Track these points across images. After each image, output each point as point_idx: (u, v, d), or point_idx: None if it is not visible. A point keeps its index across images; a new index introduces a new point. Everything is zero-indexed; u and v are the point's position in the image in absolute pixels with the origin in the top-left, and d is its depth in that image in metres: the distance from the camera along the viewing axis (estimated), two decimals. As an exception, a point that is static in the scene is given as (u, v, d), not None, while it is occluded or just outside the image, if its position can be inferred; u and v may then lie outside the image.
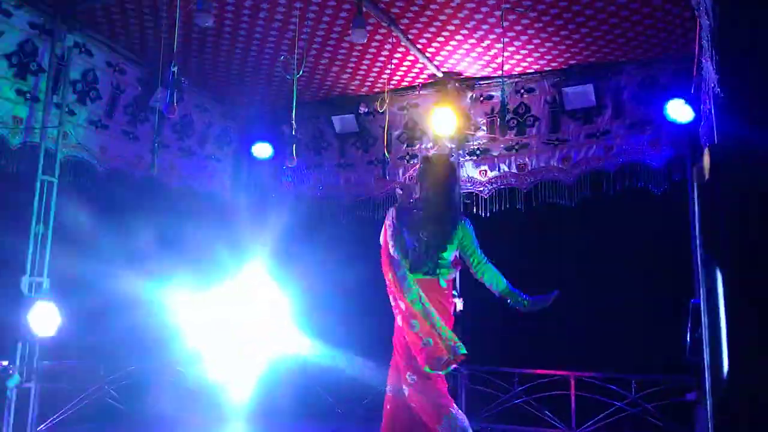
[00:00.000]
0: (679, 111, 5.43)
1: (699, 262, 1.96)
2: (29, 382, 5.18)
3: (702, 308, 1.90)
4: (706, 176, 1.81)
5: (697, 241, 1.94)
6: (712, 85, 3.64)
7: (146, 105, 6.25)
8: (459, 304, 6.50)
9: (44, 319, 5.08)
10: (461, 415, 3.92)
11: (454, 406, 3.96)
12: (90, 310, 5.64)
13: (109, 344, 5.93)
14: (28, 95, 5.39)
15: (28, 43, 5.34)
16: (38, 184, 5.35)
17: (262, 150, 7.07)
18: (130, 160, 6.42)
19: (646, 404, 5.86)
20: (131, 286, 5.84)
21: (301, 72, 4.69)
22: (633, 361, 5.94)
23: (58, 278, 5.40)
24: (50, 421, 5.45)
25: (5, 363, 5.06)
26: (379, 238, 4.20)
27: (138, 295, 5.95)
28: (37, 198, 5.34)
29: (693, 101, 5.17)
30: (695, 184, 1.96)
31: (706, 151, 1.81)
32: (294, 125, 4.69)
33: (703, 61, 3.62)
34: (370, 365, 6.06)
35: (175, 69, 3.54)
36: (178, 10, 4.01)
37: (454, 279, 4.37)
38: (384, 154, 6.45)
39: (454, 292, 6.50)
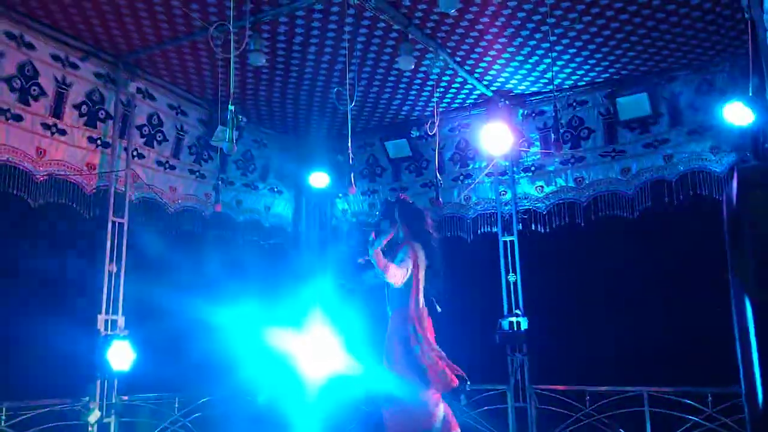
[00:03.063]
0: (738, 114, 5.28)
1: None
2: (109, 417, 5.40)
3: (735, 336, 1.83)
4: (734, 201, 1.76)
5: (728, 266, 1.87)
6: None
7: (209, 144, 6.49)
8: (523, 324, 6.45)
9: (120, 355, 5.30)
10: None
11: None
12: (163, 342, 5.85)
13: (182, 375, 6.11)
14: (98, 142, 5.70)
15: (95, 93, 5.67)
16: (110, 226, 5.64)
17: (319, 179, 7.22)
18: (199, 198, 6.68)
19: (725, 418, 5.62)
20: (202, 317, 6.03)
21: (353, 102, 4.80)
22: (708, 373, 5.73)
23: (132, 312, 5.64)
24: (130, 455, 5.64)
25: (86, 399, 5.29)
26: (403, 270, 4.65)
27: (208, 326, 6.13)
28: (109, 239, 5.62)
29: (753, 103, 5.02)
30: (723, 208, 1.90)
31: (735, 173, 1.77)
32: (351, 154, 4.80)
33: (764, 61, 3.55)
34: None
35: (232, 108, 3.69)
36: (232, 52, 4.18)
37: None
38: (436, 175, 6.48)
39: (517, 311, 6.53)
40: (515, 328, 6.47)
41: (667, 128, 6.13)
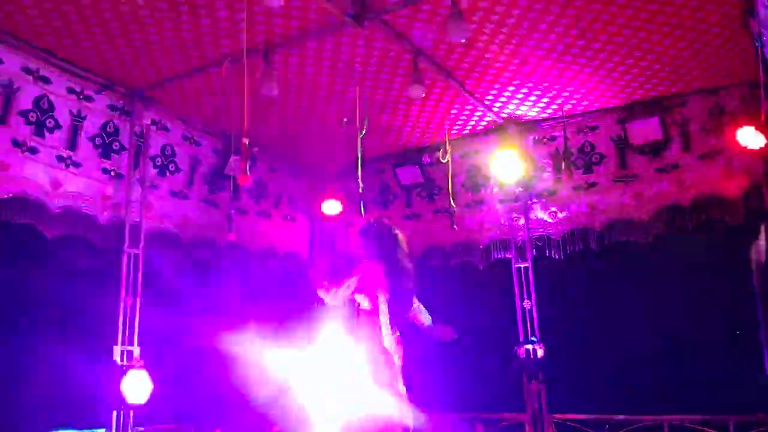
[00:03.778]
0: (750, 138, 5.26)
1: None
2: (126, 449, 5.38)
3: None
4: (764, 255, 1.75)
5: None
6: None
7: (222, 174, 6.53)
8: (540, 351, 6.38)
9: (136, 386, 5.29)
10: None
11: None
12: (178, 372, 5.84)
13: (197, 404, 6.09)
14: (112, 173, 5.76)
15: (109, 124, 5.74)
16: (124, 257, 5.67)
17: (331, 207, 7.23)
18: (212, 227, 6.70)
19: (748, 447, 5.52)
20: (217, 346, 6.01)
21: (364, 131, 4.84)
22: (729, 401, 5.64)
23: (147, 342, 5.64)
24: (146, 486, 5.60)
25: (102, 430, 5.28)
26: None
27: (223, 355, 6.11)
28: (124, 270, 5.65)
29: (764, 128, 5.01)
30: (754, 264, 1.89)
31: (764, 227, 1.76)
32: (361, 183, 4.81)
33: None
34: None
35: (247, 141, 3.72)
36: (245, 84, 4.24)
37: None
38: (450, 202, 6.48)
39: (533, 338, 6.47)
40: (531, 356, 6.40)
41: (679, 153, 6.11)
